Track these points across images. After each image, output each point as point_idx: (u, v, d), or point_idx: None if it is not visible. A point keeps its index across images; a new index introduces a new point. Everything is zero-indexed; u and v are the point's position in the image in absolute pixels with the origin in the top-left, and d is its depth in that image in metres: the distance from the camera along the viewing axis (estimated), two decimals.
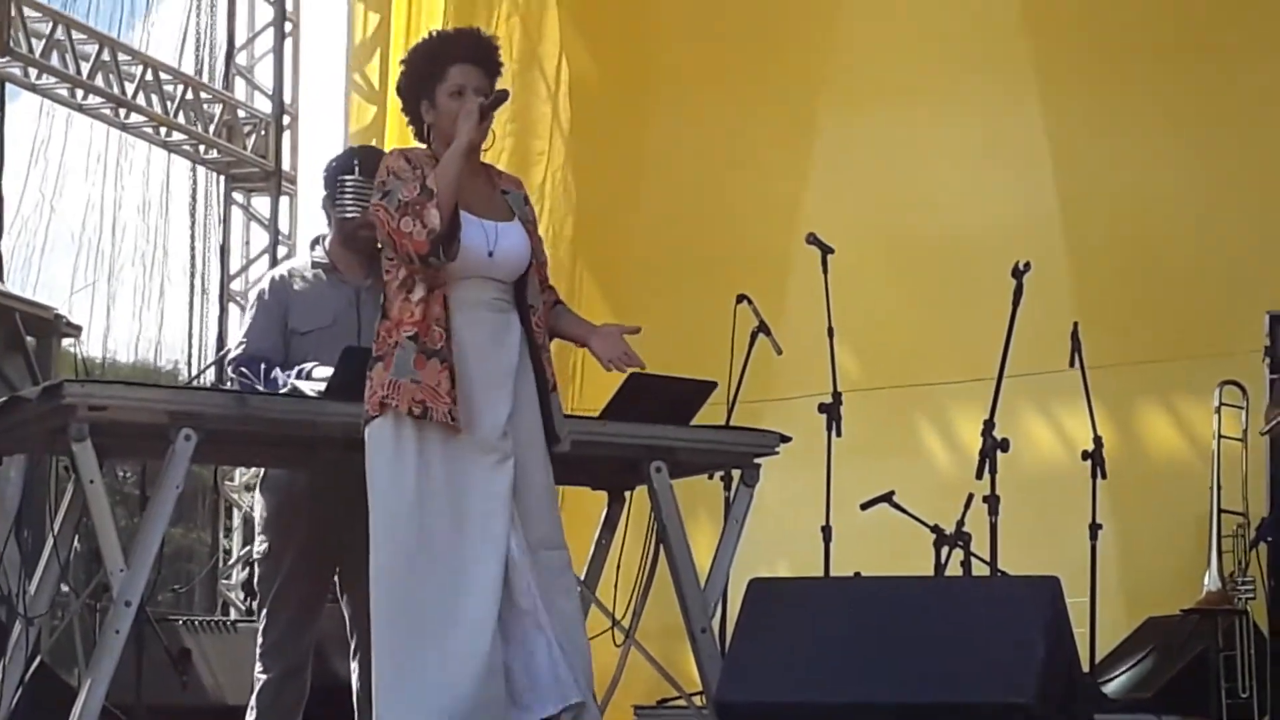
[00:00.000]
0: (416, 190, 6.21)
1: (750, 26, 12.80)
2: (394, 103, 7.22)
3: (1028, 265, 8.72)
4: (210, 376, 11.04)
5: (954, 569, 8.68)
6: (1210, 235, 11.16)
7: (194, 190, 13.36)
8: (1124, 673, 9.41)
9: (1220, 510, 9.36)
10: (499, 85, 6.51)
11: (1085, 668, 7.70)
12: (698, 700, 7.90)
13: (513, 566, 6.27)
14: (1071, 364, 9.14)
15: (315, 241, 7.95)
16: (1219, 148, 11.52)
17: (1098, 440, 9.09)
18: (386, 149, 8.77)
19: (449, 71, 6.38)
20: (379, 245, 6.79)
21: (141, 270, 13.39)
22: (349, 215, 7.75)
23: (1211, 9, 11.78)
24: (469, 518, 6.26)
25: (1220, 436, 9.18)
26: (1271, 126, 11.29)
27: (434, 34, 6.92)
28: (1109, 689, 9.08)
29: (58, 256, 13.62)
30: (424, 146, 6.46)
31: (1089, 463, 9.07)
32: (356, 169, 7.85)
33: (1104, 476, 9.09)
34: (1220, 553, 9.35)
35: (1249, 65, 11.68)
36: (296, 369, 7.36)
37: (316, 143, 13.15)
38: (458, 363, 6.25)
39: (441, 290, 6.28)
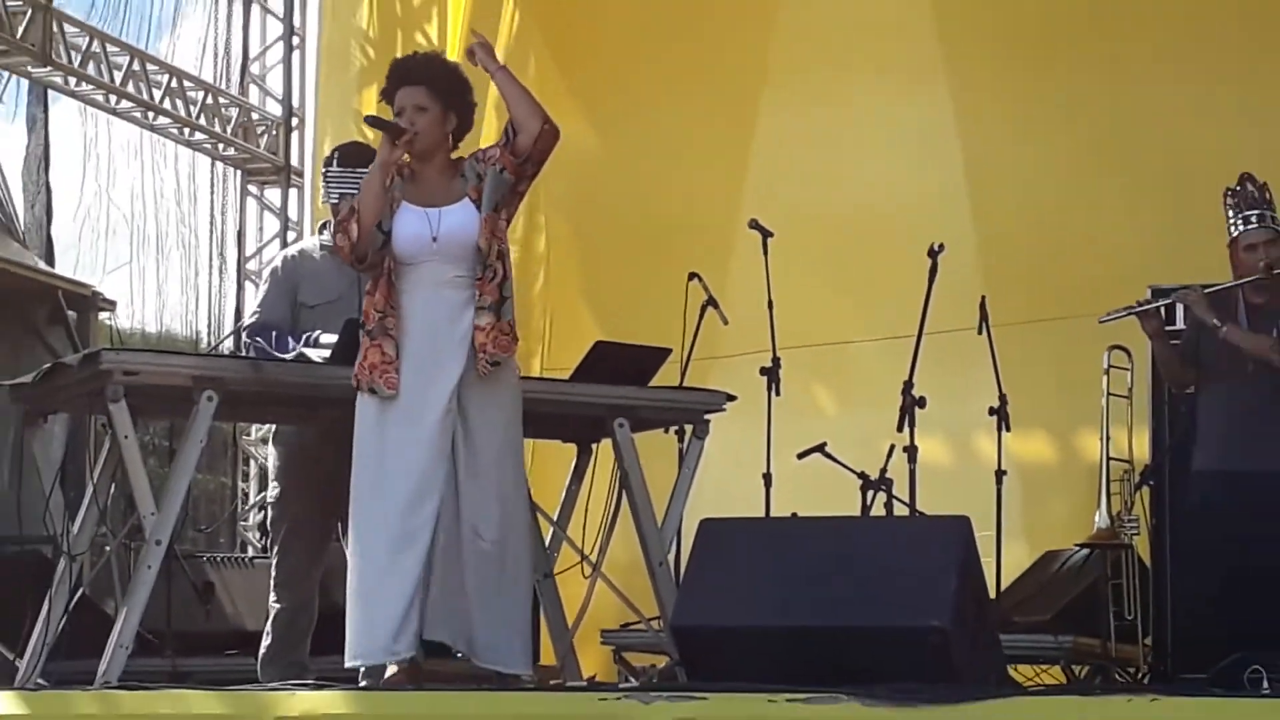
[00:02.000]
0: (347, 208, 6.48)
1: (695, 33, 13.12)
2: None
3: (941, 246, 8.98)
4: (228, 345, 11.04)
5: (878, 510, 8.83)
6: (1101, 214, 11.52)
7: (213, 183, 13.26)
8: (1026, 599, 9.61)
9: (1109, 458, 9.47)
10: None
11: (991, 594, 7.77)
12: (655, 625, 8.11)
13: (443, 529, 6.54)
14: (980, 331, 9.30)
15: (323, 226, 7.99)
16: (1109, 136, 11.99)
17: (1003, 398, 9.32)
18: None
19: (396, 94, 6.60)
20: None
21: (171, 251, 13.50)
22: (330, 202, 8.02)
23: (1101, 9, 12.35)
24: (405, 465, 6.59)
25: (1109, 394, 9.26)
26: (1157, 118, 11.88)
27: (393, 61, 7.12)
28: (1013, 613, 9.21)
29: (117, 240, 13.72)
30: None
31: (995, 417, 9.38)
32: (335, 162, 8.22)
33: (1008, 429, 9.39)
34: (1109, 495, 9.49)
35: (1136, 64, 12.31)
36: (304, 336, 7.53)
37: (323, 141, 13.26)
38: (406, 339, 6.48)
39: (391, 277, 6.54)
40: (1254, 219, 8.20)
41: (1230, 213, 8.32)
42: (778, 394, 9.09)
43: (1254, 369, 8.01)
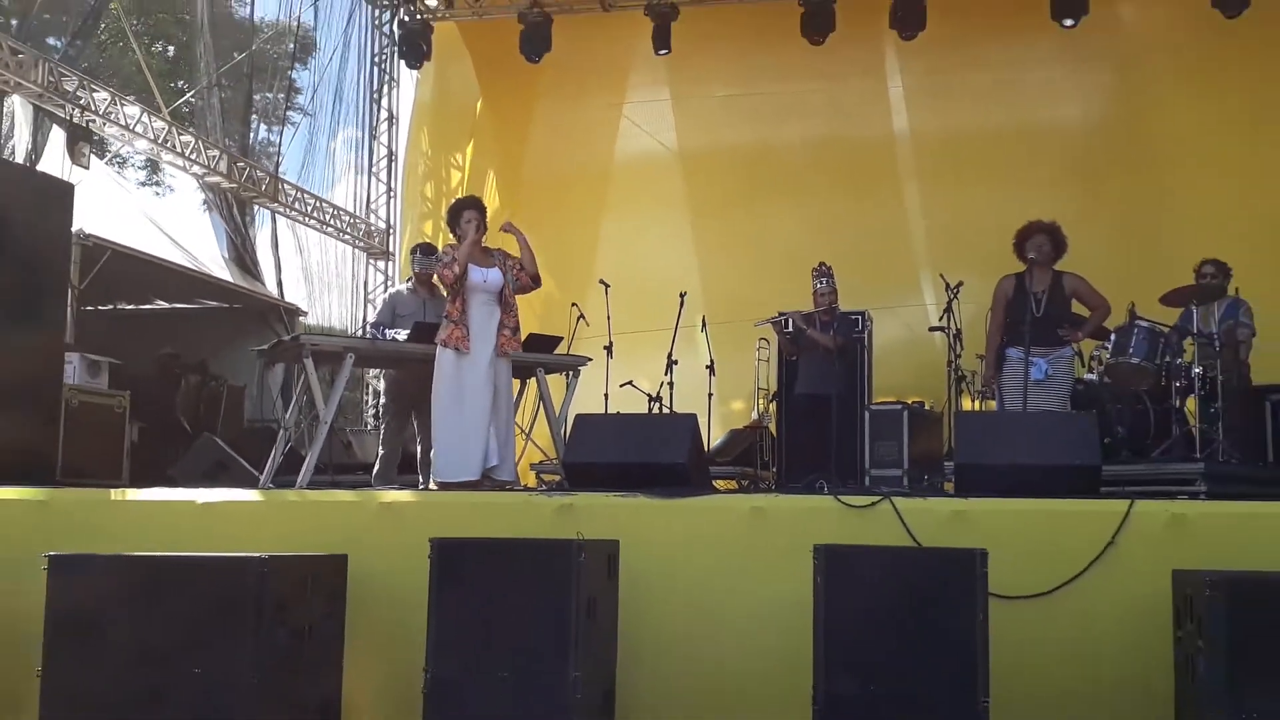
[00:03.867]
0: (450, 260, 6.66)
1: (574, 179, 12.58)
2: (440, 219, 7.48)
3: (684, 295, 8.87)
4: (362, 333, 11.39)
5: (657, 410, 8.85)
6: (751, 277, 11.31)
7: (353, 258, 13.43)
8: (721, 450, 9.67)
9: (758, 388, 9.91)
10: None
11: (706, 449, 7.51)
12: (555, 462, 8.24)
13: (489, 410, 6.55)
14: (702, 329, 9.27)
15: (408, 280, 8.57)
16: (759, 236, 11.92)
17: (711, 361, 9.26)
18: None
19: (463, 214, 6.81)
20: (436, 281, 7.28)
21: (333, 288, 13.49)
22: (415, 270, 8.26)
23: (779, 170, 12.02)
24: (470, 389, 6.50)
25: (758, 360, 9.71)
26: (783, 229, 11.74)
27: (456, 200, 7.33)
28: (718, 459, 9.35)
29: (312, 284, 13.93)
30: (454, 242, 6.86)
31: (708, 371, 9.17)
32: (417, 251, 8.42)
33: (714, 375, 9.13)
34: (759, 403, 9.84)
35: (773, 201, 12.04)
36: (396, 330, 7.68)
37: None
38: (469, 325, 6.59)
39: (463, 296, 6.64)
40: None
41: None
42: (611, 358, 9.10)
43: (822, 350, 8.45)
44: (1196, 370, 7.10)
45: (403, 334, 7.51)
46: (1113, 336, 7.48)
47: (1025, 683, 4.49)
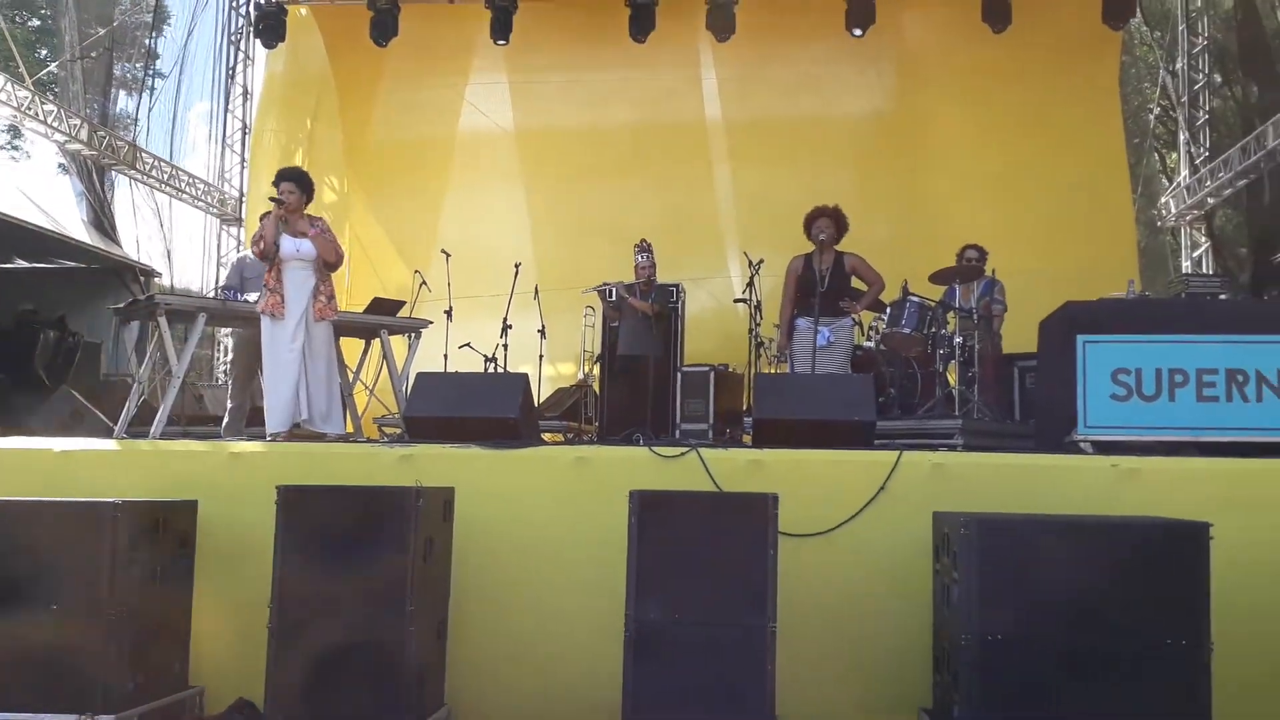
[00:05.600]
0: (258, 237, 6.44)
1: (417, 153, 12.15)
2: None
3: (518, 265, 9.00)
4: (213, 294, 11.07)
5: (493, 369, 8.86)
6: (573, 248, 11.20)
7: (207, 226, 12.95)
8: (548, 406, 9.57)
9: (585, 350, 9.94)
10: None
11: (536, 404, 7.90)
12: (397, 414, 8.05)
13: (298, 370, 6.32)
14: (535, 297, 9.13)
15: (254, 240, 7.76)
16: (590, 211, 11.86)
17: (543, 326, 9.14)
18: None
19: (279, 186, 6.53)
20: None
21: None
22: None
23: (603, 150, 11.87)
24: (286, 350, 6.29)
25: (585, 326, 9.74)
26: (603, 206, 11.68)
27: (279, 170, 6.79)
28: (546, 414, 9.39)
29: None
30: (271, 209, 6.56)
31: (539, 334, 9.11)
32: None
33: (545, 338, 9.10)
34: (584, 364, 9.83)
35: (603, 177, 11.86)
36: (245, 294, 7.58)
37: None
38: (283, 293, 6.38)
39: (278, 265, 6.40)
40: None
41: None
42: (451, 321, 9.04)
43: (641, 317, 8.56)
44: (958, 340, 7.37)
45: (253, 297, 7.27)
46: (888, 309, 7.68)
47: (808, 608, 4.62)
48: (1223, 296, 6.18)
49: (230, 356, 9.71)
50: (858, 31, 10.71)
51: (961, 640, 3.99)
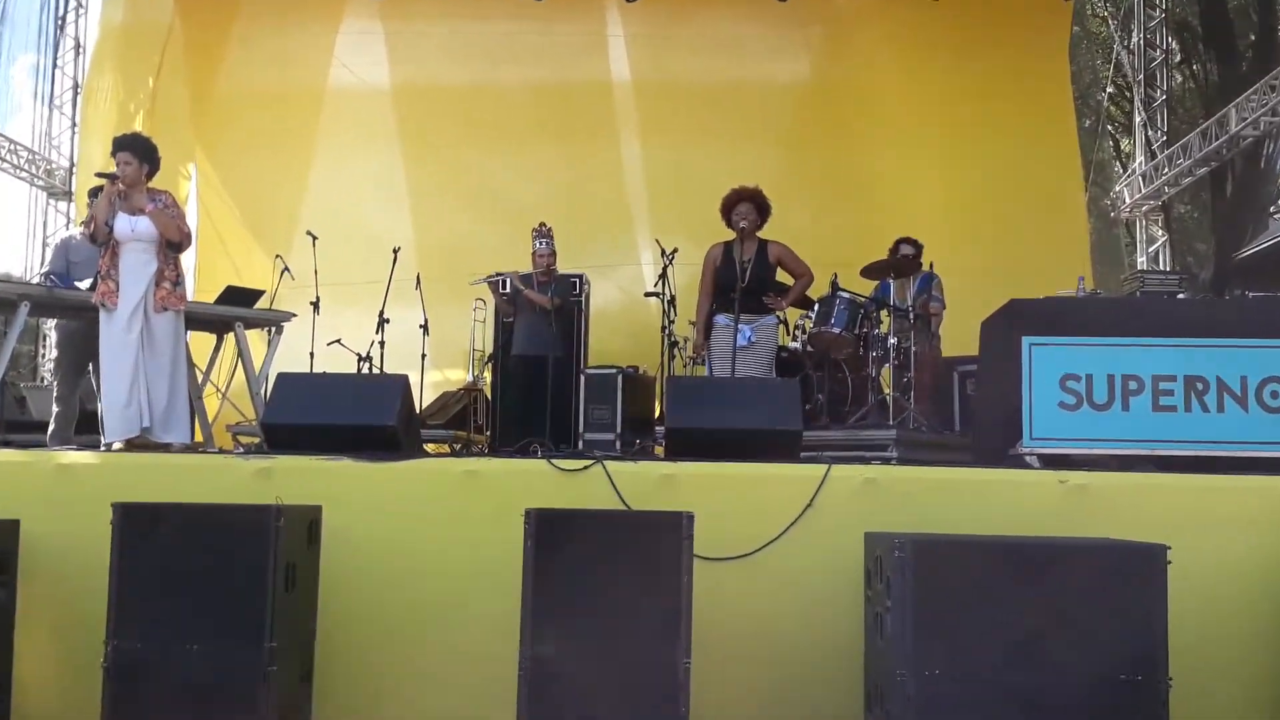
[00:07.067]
0: (89, 217, 6.38)
1: (282, 111, 11.77)
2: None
3: (397, 249, 8.82)
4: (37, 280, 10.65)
5: (365, 370, 8.71)
6: (467, 226, 11.17)
7: (32, 200, 12.62)
8: (433, 414, 9.55)
9: (473, 349, 9.66)
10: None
11: (419, 411, 7.77)
12: (254, 423, 7.90)
13: (135, 368, 6.22)
14: (416, 287, 8.98)
15: (85, 222, 7.55)
16: (477, 189, 11.68)
17: (425, 322, 9.00)
18: None
19: (116, 156, 6.38)
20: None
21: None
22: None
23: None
24: (121, 346, 6.17)
25: (474, 321, 9.49)
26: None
27: (115, 138, 6.59)
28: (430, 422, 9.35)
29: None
30: (102, 184, 6.40)
31: (422, 330, 8.97)
32: (90, 195, 7.72)
33: (428, 335, 8.95)
34: (474, 364, 9.54)
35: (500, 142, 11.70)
36: (72, 281, 7.51)
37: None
38: (118, 279, 6.25)
39: (112, 248, 6.30)
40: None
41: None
42: (318, 314, 8.87)
43: (539, 312, 8.43)
44: (892, 341, 7.45)
45: (85, 284, 7.14)
46: (816, 306, 7.80)
47: (726, 641, 4.62)
48: (1181, 296, 6.25)
49: (54, 352, 9.29)
50: None
51: (896, 676, 4.00)
